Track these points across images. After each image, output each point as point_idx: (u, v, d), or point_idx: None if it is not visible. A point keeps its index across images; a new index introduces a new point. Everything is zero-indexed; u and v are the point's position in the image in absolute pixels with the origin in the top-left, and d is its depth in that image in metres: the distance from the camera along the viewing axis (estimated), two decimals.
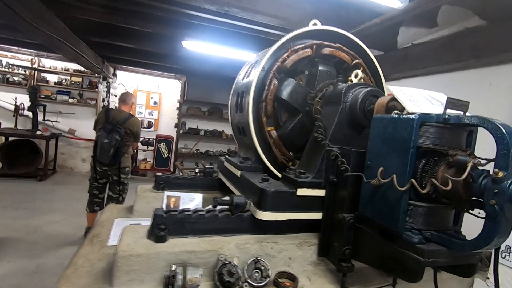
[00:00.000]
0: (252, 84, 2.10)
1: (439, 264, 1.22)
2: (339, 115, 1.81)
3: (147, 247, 1.49)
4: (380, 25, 2.45)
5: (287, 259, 1.74)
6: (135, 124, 4.18)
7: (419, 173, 1.29)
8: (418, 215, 1.27)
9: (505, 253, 1.85)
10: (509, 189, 1.01)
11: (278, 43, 2.16)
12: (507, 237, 1.09)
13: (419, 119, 1.23)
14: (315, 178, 1.77)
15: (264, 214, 1.69)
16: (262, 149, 2.16)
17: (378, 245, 1.39)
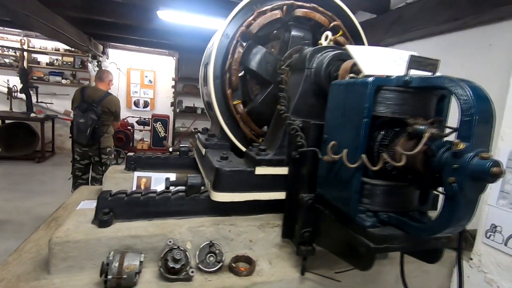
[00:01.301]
0: (213, 53, 1.89)
1: (393, 250, 1.07)
2: (303, 84, 1.60)
3: (87, 233, 1.38)
4: None
5: (248, 242, 1.62)
6: (113, 102, 4.02)
7: (377, 147, 1.11)
8: (375, 195, 1.10)
9: (490, 232, 1.69)
10: (471, 164, 0.82)
11: (240, 4, 1.91)
12: (469, 220, 0.93)
13: (374, 82, 1.03)
14: (276, 155, 1.60)
15: (219, 195, 1.54)
16: (228, 125, 1.99)
17: (334, 228, 1.24)
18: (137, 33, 5.65)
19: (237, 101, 1.99)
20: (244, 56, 2.01)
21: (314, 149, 1.28)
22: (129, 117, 8.27)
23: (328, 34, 1.69)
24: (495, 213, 1.68)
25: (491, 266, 1.67)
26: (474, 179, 0.82)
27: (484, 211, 1.73)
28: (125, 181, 2.40)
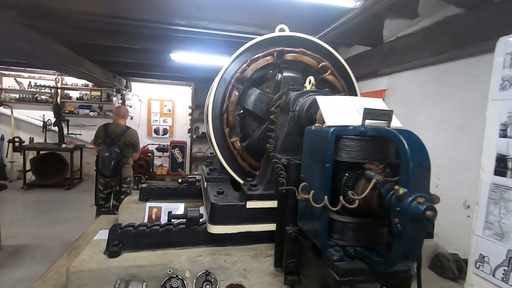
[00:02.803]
0: (210, 97, 2.14)
1: (358, 283, 1.17)
2: (288, 125, 1.78)
3: (99, 262, 1.59)
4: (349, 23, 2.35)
5: (242, 271, 1.75)
6: (133, 135, 4.39)
7: (343, 188, 1.25)
8: (343, 231, 1.23)
9: (479, 262, 1.71)
10: (410, 207, 0.95)
11: (236, 53, 2.17)
12: (417, 257, 1.03)
13: (333, 132, 1.19)
14: (265, 190, 1.76)
15: (215, 228, 1.72)
16: (227, 160, 2.19)
17: (311, 260, 1.36)
18: (156, 70, 6.17)
19: (235, 138, 2.19)
20: (240, 97, 2.25)
21: (293, 188, 1.43)
22: (149, 144, 8.78)
23: (311, 79, 1.87)
24: (483, 243, 1.71)
25: None
26: (413, 220, 0.95)
27: (472, 241, 1.75)
28: (138, 211, 2.62)
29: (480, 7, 2.05)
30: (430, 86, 2.71)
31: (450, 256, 2.01)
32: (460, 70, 2.38)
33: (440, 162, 2.60)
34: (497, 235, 1.61)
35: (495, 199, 1.64)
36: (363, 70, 3.45)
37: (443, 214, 2.61)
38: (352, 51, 3.73)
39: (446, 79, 2.54)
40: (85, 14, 2.86)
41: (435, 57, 2.44)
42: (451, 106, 2.47)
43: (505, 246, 1.57)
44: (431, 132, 2.69)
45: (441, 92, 2.58)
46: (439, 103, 2.60)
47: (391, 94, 3.26)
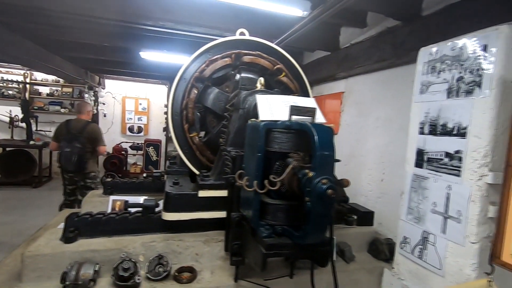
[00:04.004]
0: (170, 95, 2.27)
1: (283, 256, 1.36)
2: (238, 121, 1.95)
3: (54, 248, 1.68)
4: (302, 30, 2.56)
5: (194, 255, 1.90)
6: (94, 129, 4.35)
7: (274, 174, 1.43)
8: (272, 212, 1.41)
9: (403, 243, 1.96)
10: (317, 187, 1.14)
11: (194, 55, 2.31)
12: (325, 231, 1.23)
13: (264, 125, 1.37)
14: (216, 180, 1.92)
15: (168, 215, 1.86)
16: (187, 154, 2.33)
17: (250, 240, 1.53)
18: (128, 67, 6.15)
19: (194, 133, 2.34)
20: (201, 95, 2.39)
21: (232, 176, 1.60)
22: (123, 142, 8.69)
23: (261, 80, 2.06)
24: (405, 227, 1.96)
25: (405, 273, 1.92)
26: (319, 198, 1.14)
27: (399, 226, 2.00)
28: (101, 204, 2.69)
29: (412, 20, 2.32)
30: (378, 90, 2.99)
31: (384, 240, 2.26)
32: (399, 76, 2.66)
33: (385, 158, 2.88)
34: (416, 218, 1.86)
35: (415, 187, 1.90)
36: (323, 74, 3.70)
37: (386, 204, 2.91)
38: (315, 56, 3.98)
39: (389, 84, 2.82)
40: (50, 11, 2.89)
41: (380, 63, 2.71)
42: (394, 108, 2.75)
43: (421, 228, 1.82)
44: (379, 131, 2.96)
45: (386, 95, 2.86)
46: (385, 105, 2.88)
47: (347, 96, 3.53)
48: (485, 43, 1.47)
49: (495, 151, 1.43)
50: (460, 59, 1.61)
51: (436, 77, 1.76)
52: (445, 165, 1.66)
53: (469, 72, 1.55)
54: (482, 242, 1.47)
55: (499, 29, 1.41)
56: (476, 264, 1.49)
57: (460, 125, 1.58)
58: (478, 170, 1.48)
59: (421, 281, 1.80)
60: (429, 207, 1.76)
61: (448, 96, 1.67)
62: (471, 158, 1.51)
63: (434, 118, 1.75)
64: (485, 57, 1.47)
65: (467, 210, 1.52)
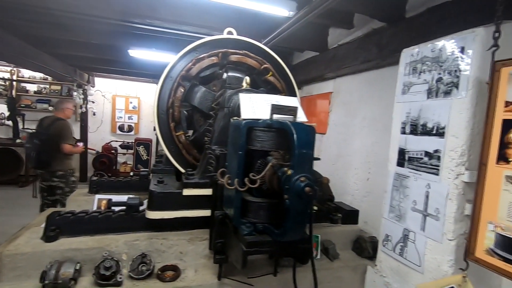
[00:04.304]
0: (156, 93, 2.26)
1: (263, 253, 1.37)
2: (223, 119, 1.96)
3: (34, 246, 1.65)
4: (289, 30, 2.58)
5: (178, 254, 1.90)
6: (59, 126, 4.18)
7: (256, 172, 1.44)
8: (254, 210, 1.42)
9: (385, 241, 1.99)
10: (295, 184, 1.16)
11: (180, 54, 2.31)
12: (304, 228, 1.24)
13: (245, 124, 1.38)
14: (201, 179, 1.92)
15: (152, 213, 1.85)
16: (173, 152, 2.32)
17: (231, 238, 1.54)
18: (117, 65, 6.08)
19: (180, 132, 2.33)
20: (188, 94, 2.39)
21: (215, 174, 1.60)
22: (112, 141, 8.59)
23: (246, 79, 2.06)
24: (387, 225, 1.99)
25: (387, 270, 1.95)
26: (297, 196, 1.16)
27: (381, 224, 2.04)
28: (87, 203, 2.67)
29: (396, 22, 2.37)
30: (364, 90, 3.03)
31: (368, 238, 2.29)
32: (384, 77, 2.71)
33: (371, 158, 2.92)
34: (397, 216, 1.90)
35: (397, 186, 1.93)
36: (312, 74, 3.73)
37: (371, 203, 2.94)
38: (304, 56, 4.01)
39: (375, 85, 2.87)
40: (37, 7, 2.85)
41: (366, 64, 2.75)
42: (379, 109, 2.79)
43: (402, 226, 1.86)
44: (365, 131, 3.00)
45: (372, 96, 2.90)
46: (371, 106, 2.92)
47: (335, 96, 3.57)
48: (463, 45, 1.51)
49: (471, 150, 1.47)
50: (439, 61, 1.64)
51: (417, 78, 1.80)
52: (425, 164, 1.70)
53: (447, 73, 1.59)
54: (458, 239, 1.51)
55: (475, 32, 1.45)
56: (453, 261, 1.52)
57: (439, 125, 1.62)
58: (455, 169, 1.52)
59: (401, 278, 1.83)
60: (410, 205, 1.79)
61: (428, 97, 1.71)
62: (449, 157, 1.55)
63: (415, 118, 1.79)
64: (463, 59, 1.51)
65: (445, 208, 1.56)
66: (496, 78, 1.27)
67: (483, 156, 1.32)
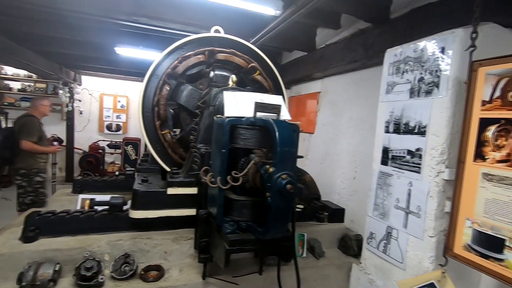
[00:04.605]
0: (141, 91, 2.23)
1: (246, 251, 1.36)
2: (208, 118, 1.94)
3: (12, 247, 1.61)
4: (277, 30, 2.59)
5: (163, 253, 1.88)
6: (21, 123, 3.99)
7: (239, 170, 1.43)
8: (237, 208, 1.41)
9: (370, 239, 2.02)
10: (277, 182, 1.15)
11: (166, 51, 2.29)
12: (286, 226, 1.24)
13: (229, 122, 1.37)
14: (186, 178, 1.90)
15: (135, 213, 1.82)
16: (158, 151, 2.29)
17: (216, 237, 1.53)
18: (106, 63, 5.97)
19: (166, 131, 2.30)
20: (174, 92, 2.37)
21: (198, 172, 1.59)
22: (100, 140, 8.43)
23: (233, 77, 2.05)
24: (372, 223, 2.02)
25: (371, 268, 1.98)
26: (279, 193, 1.15)
27: (366, 222, 2.07)
28: (70, 203, 2.61)
29: (381, 23, 2.40)
30: (350, 90, 3.06)
31: (353, 236, 2.32)
32: (370, 77, 2.74)
33: (357, 157, 2.95)
34: (381, 214, 1.92)
35: (381, 184, 1.96)
36: (301, 73, 3.75)
37: (357, 202, 2.97)
38: (293, 56, 4.03)
39: (361, 85, 2.90)
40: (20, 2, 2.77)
41: (352, 64, 2.78)
42: (365, 109, 2.83)
43: (385, 223, 1.88)
44: (351, 131, 3.04)
45: (358, 95, 2.94)
46: (357, 106, 2.96)
47: (323, 96, 3.60)
48: (443, 45, 1.54)
49: (451, 148, 1.50)
50: (421, 61, 1.67)
51: (400, 78, 1.83)
52: (407, 162, 1.72)
53: (429, 73, 1.62)
54: (439, 235, 1.54)
55: (455, 32, 1.48)
56: (433, 257, 1.55)
57: (420, 124, 1.65)
58: (436, 167, 1.55)
59: (385, 275, 1.86)
60: (393, 203, 1.82)
61: (410, 96, 1.73)
62: (430, 156, 1.58)
63: (398, 117, 1.81)
64: (443, 59, 1.54)
65: (426, 205, 1.59)
66: (473, 78, 1.31)
67: (461, 154, 1.35)
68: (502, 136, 1.20)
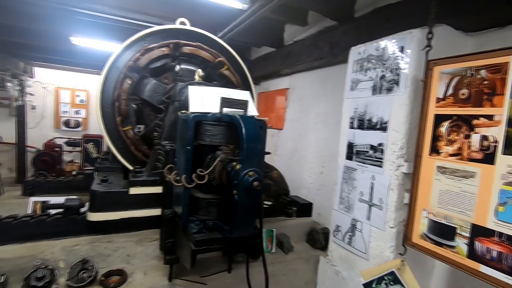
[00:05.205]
0: (99, 84, 2.08)
1: (213, 251, 1.33)
2: (173, 114, 1.86)
3: None
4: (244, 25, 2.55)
5: (125, 257, 1.78)
6: None
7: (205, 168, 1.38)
8: (203, 207, 1.37)
9: (336, 231, 2.08)
10: (244, 179, 1.13)
11: (126, 42, 2.15)
12: (253, 223, 1.22)
13: (193, 117, 1.31)
14: (150, 176, 1.82)
15: (94, 215, 1.70)
16: (120, 149, 2.16)
17: (181, 236, 1.47)
18: (60, 54, 5.51)
19: (128, 127, 2.18)
20: (136, 86, 2.24)
21: (161, 171, 1.52)
22: (57, 138, 7.81)
23: (199, 71, 1.99)
24: (338, 216, 2.09)
25: (337, 259, 2.05)
26: (245, 191, 1.13)
27: (332, 215, 2.13)
28: (19, 207, 2.38)
29: (346, 21, 2.46)
30: (318, 87, 3.13)
31: (320, 230, 2.38)
32: (336, 74, 2.82)
33: (324, 152, 3.03)
34: (346, 207, 1.99)
35: (346, 179, 2.01)
36: (269, 69, 3.75)
37: (324, 196, 3.04)
38: (262, 51, 4.02)
39: (327, 81, 2.98)
40: None
41: (319, 61, 2.83)
42: (331, 105, 2.90)
43: (350, 216, 1.95)
44: (318, 127, 3.11)
45: (325, 92, 3.01)
46: (324, 102, 3.03)
47: (292, 92, 3.64)
48: (402, 45, 1.61)
49: (409, 143, 1.58)
50: (382, 59, 1.74)
51: (363, 75, 1.88)
52: (370, 157, 1.79)
53: (389, 71, 1.68)
54: (399, 226, 1.62)
55: (412, 33, 1.55)
56: (394, 247, 1.63)
57: (382, 120, 1.71)
58: (396, 161, 1.62)
59: (349, 266, 1.93)
60: (357, 197, 1.88)
61: (373, 93, 1.79)
62: (391, 150, 1.65)
63: (362, 113, 1.87)
64: (402, 58, 1.61)
65: (387, 198, 1.66)
66: (429, 76, 1.38)
67: (418, 149, 1.42)
68: (454, 131, 1.28)
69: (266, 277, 1.36)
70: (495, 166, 1.14)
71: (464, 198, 1.24)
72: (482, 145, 1.19)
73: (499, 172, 1.13)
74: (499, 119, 1.13)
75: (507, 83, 1.12)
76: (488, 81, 1.17)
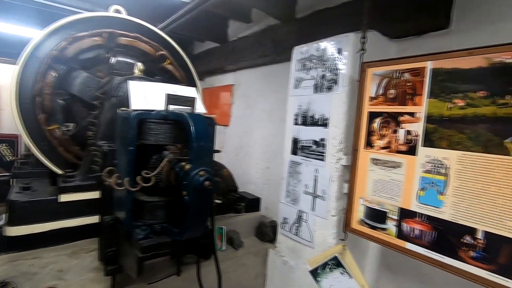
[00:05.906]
0: (14, 76, 1.79)
1: (163, 256, 1.27)
2: (111, 111, 1.70)
3: None
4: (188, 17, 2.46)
5: (57, 272, 1.57)
6: None
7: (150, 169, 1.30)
8: (149, 210, 1.29)
9: (283, 224, 2.18)
10: (194, 179, 1.08)
11: (50, 29, 1.88)
12: (205, 223, 1.19)
13: (136, 115, 1.22)
14: (84, 180, 1.64)
15: (14, 229, 1.46)
16: (45, 150, 1.89)
17: (124, 244, 1.36)
18: None
19: (54, 125, 1.92)
20: (64, 80, 1.98)
21: (100, 174, 1.38)
22: None
23: (139, 65, 1.85)
24: (285, 208, 2.19)
25: (285, 250, 2.15)
26: (196, 191, 1.09)
27: (280, 208, 2.22)
28: None
29: (289, 21, 2.56)
30: (262, 84, 3.20)
31: (268, 223, 2.45)
32: (280, 72, 2.92)
33: (269, 148, 3.13)
34: (293, 200, 2.08)
35: (291, 173, 2.11)
36: (213, 65, 3.69)
37: (271, 190, 3.13)
38: (205, 46, 3.93)
39: (272, 79, 3.07)
40: None
41: (263, 58, 2.90)
42: (275, 102, 3.00)
43: (296, 208, 2.05)
44: (263, 123, 3.19)
45: (269, 89, 3.10)
46: (268, 99, 3.12)
47: (237, 89, 3.65)
48: (340, 47, 1.74)
49: (348, 138, 1.72)
50: (323, 59, 1.85)
51: (306, 74, 1.98)
52: (314, 151, 1.90)
53: (329, 71, 1.80)
54: (339, 214, 1.76)
55: (348, 36, 1.68)
56: (335, 233, 1.77)
57: (323, 117, 1.83)
58: (336, 155, 1.75)
59: (297, 255, 2.03)
60: (303, 189, 1.99)
61: (315, 91, 1.90)
62: (331, 145, 1.78)
63: (305, 110, 1.97)
64: (340, 59, 1.73)
65: (329, 189, 1.79)
66: (363, 77, 1.51)
67: (355, 143, 1.56)
68: (384, 127, 1.43)
69: (219, 276, 1.35)
70: (416, 157, 1.32)
71: (393, 186, 1.41)
72: (406, 139, 1.36)
73: (420, 162, 1.31)
74: (419, 116, 1.31)
75: (424, 85, 1.30)
76: (411, 83, 1.34)
